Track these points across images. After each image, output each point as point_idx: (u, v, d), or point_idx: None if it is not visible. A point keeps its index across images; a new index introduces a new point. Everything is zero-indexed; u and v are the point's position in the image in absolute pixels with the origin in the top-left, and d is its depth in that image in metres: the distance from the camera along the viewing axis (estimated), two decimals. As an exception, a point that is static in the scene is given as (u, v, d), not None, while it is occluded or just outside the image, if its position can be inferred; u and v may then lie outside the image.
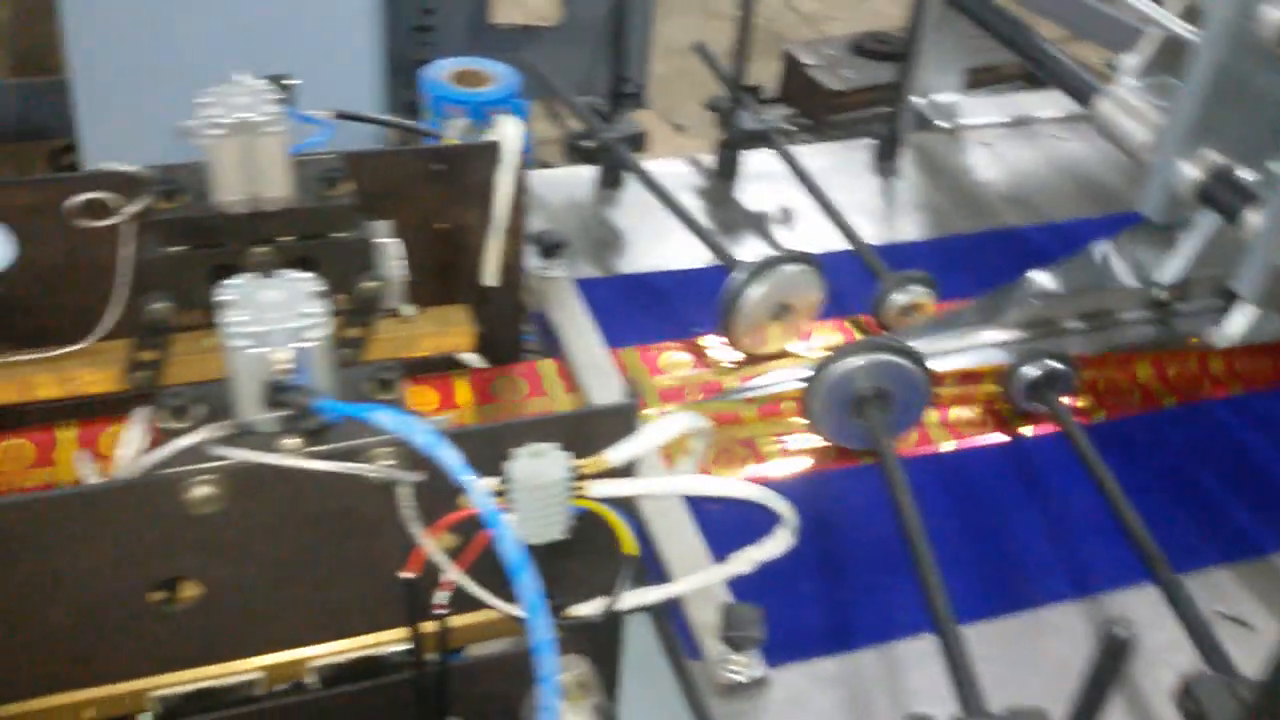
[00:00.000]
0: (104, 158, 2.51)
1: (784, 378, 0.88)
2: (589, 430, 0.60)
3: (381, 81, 2.72)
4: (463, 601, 0.61)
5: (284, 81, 0.76)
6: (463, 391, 0.86)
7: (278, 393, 0.55)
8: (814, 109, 3.15)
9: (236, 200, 0.72)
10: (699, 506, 0.80)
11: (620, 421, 0.61)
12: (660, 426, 0.60)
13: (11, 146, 2.65)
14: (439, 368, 0.87)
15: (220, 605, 0.60)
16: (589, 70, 3.20)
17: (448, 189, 0.83)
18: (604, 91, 3.26)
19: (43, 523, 0.54)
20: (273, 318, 0.55)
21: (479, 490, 0.55)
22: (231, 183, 0.72)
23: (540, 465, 0.58)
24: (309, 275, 0.58)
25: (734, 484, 0.62)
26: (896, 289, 0.95)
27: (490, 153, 0.82)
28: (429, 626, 0.61)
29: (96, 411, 0.80)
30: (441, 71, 2.49)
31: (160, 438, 0.57)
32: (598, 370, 0.87)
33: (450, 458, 0.54)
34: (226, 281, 0.57)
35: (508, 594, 0.58)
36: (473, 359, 0.87)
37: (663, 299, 1.02)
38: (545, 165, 2.94)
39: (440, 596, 0.62)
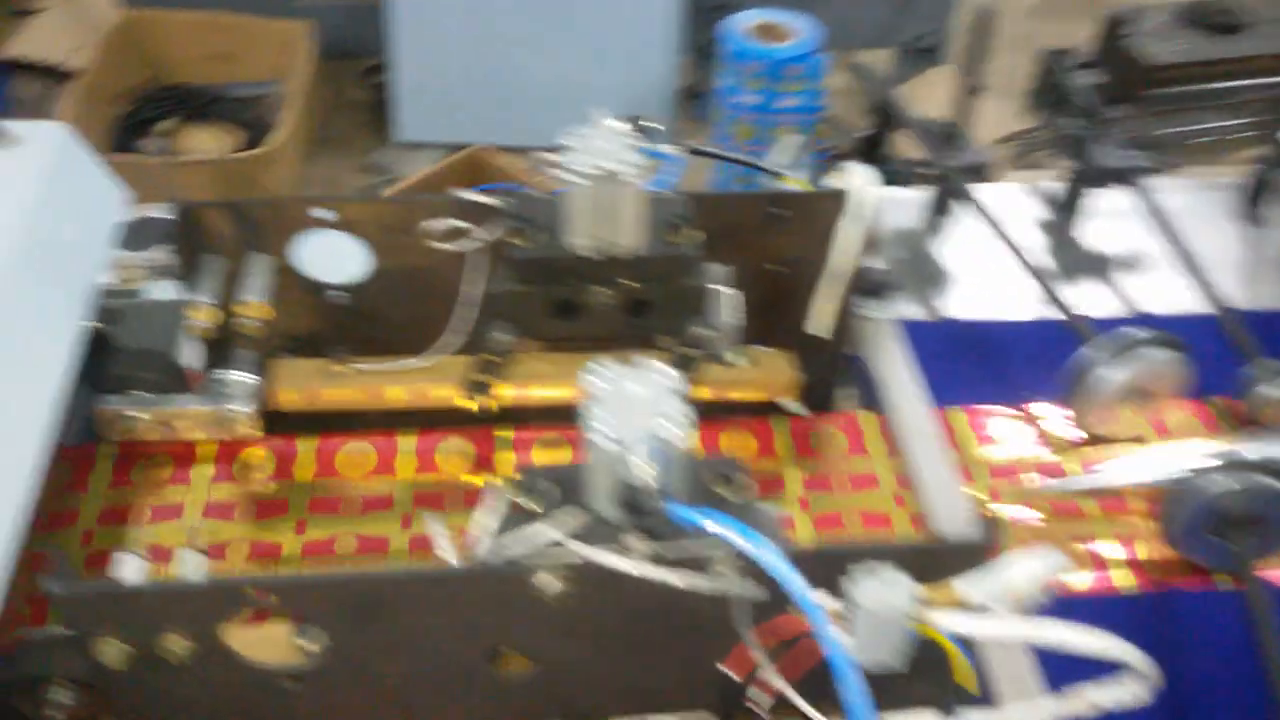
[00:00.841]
0: (413, 80, 2.63)
1: (1135, 470, 0.81)
2: (938, 559, 0.57)
3: (678, 23, 2.70)
4: (781, 706, 0.60)
5: (644, 124, 0.74)
6: (781, 439, 0.84)
7: (632, 494, 0.54)
8: (1129, 81, 2.90)
9: (588, 245, 0.72)
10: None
11: (972, 555, 0.57)
12: (1021, 568, 0.56)
13: (329, 65, 2.80)
14: (754, 408, 0.85)
15: (542, 676, 0.61)
16: (889, 22, 3.07)
17: (786, 233, 0.80)
18: (901, 45, 3.12)
19: (401, 594, 0.56)
20: (634, 416, 0.54)
21: (821, 615, 0.53)
22: (586, 228, 0.71)
23: (884, 591, 0.55)
24: (672, 370, 0.56)
25: (1094, 638, 0.57)
26: (1269, 381, 0.85)
27: (836, 201, 0.77)
28: (741, 720, 0.60)
29: (434, 422, 0.83)
30: (741, 24, 2.45)
31: (514, 511, 0.57)
32: (922, 434, 0.83)
33: (795, 583, 0.53)
34: (589, 370, 0.56)
35: (827, 705, 0.56)
36: (794, 406, 0.84)
37: (994, 353, 0.95)
38: (832, 120, 2.85)
39: (756, 694, 0.61)
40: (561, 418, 0.85)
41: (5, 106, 2.80)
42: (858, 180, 0.78)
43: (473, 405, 0.80)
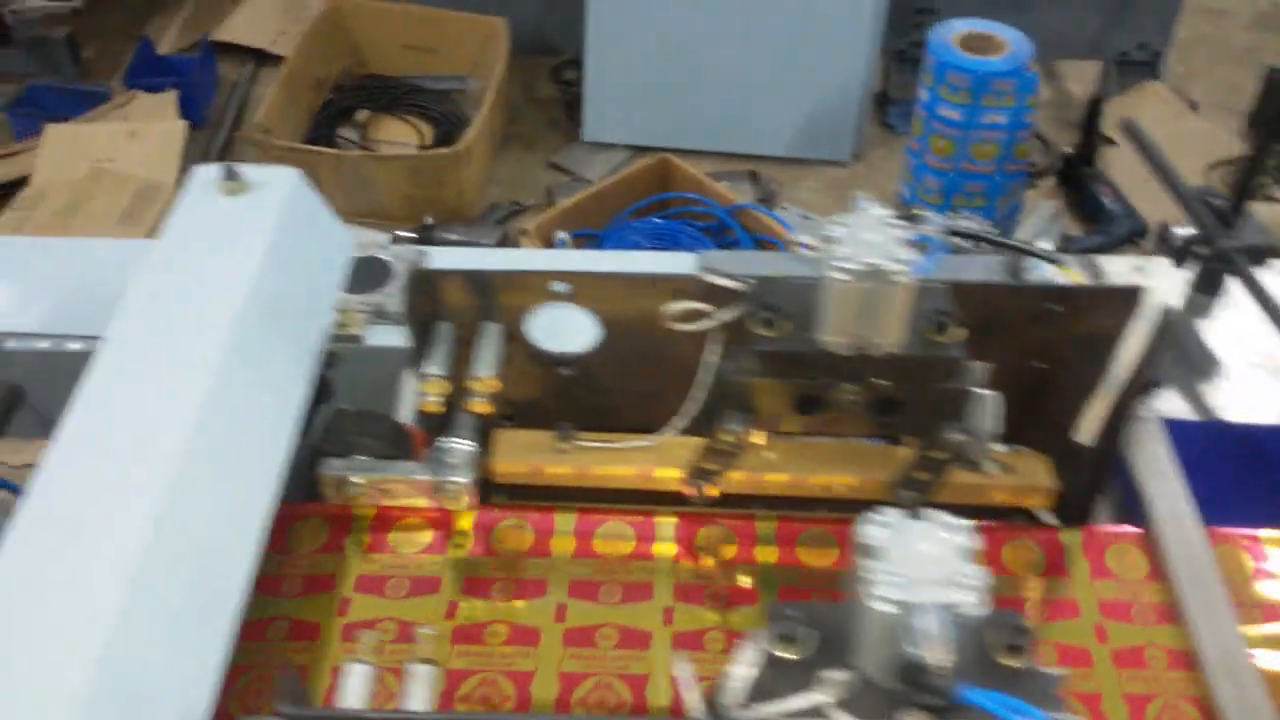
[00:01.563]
0: (602, 80, 2.59)
1: None
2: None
3: (877, 27, 2.60)
4: None
5: (915, 212, 0.68)
6: (1023, 553, 0.76)
7: (915, 668, 0.48)
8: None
9: (842, 341, 0.66)
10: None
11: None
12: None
13: (519, 60, 2.80)
14: (994, 511, 0.78)
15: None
16: (1101, 33, 2.89)
17: (1056, 328, 0.73)
18: (1113, 57, 2.92)
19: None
20: (921, 578, 0.48)
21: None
22: (843, 324, 0.65)
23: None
24: (963, 524, 0.50)
25: None
26: None
27: (1128, 301, 0.69)
28: None
29: (641, 502, 0.79)
30: (949, 34, 2.33)
31: (773, 661, 0.52)
32: (1192, 561, 0.74)
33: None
34: (869, 522, 0.50)
35: None
36: (1047, 517, 0.77)
37: (1275, 464, 0.85)
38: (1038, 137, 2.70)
39: None
40: (784, 506, 0.80)
41: (214, 87, 2.90)
42: (1158, 281, 0.70)
43: (692, 491, 0.76)
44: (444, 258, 0.83)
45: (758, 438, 0.71)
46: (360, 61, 2.84)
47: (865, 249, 0.63)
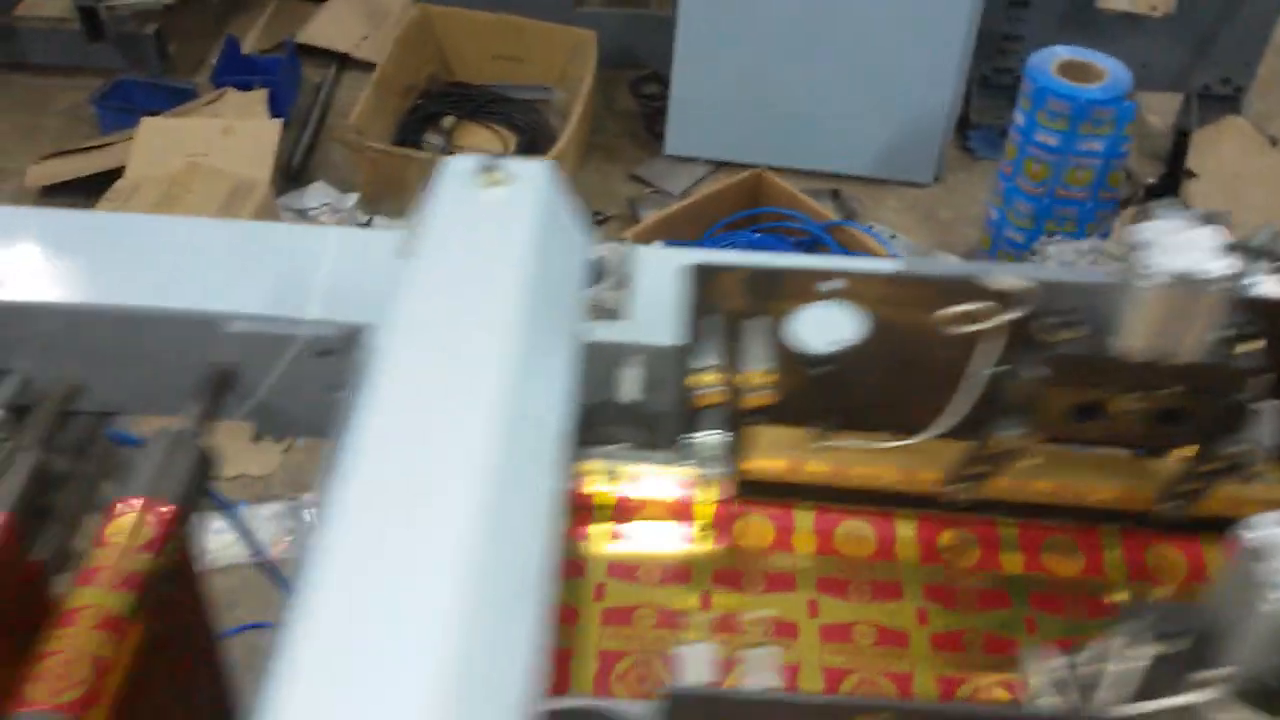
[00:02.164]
0: (688, 94, 2.61)
1: None
2: None
3: (964, 52, 2.61)
4: None
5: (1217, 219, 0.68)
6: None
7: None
8: None
9: (1143, 348, 0.66)
10: None
11: None
12: None
13: (602, 73, 2.82)
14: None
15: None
16: (1184, 65, 2.90)
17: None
18: (1194, 89, 2.93)
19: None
20: (1318, 579, 0.48)
21: None
22: (1146, 332, 0.65)
23: None
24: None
25: None
26: None
27: None
28: None
29: (886, 504, 0.79)
30: (1047, 61, 2.34)
31: (1146, 658, 0.52)
32: None
33: None
34: (1260, 526, 0.50)
35: None
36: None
37: None
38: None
39: None
40: (1025, 513, 0.80)
41: (298, 88, 2.92)
42: None
43: (959, 494, 0.76)
44: (656, 256, 0.83)
45: (1030, 443, 0.71)
46: (447, 69, 2.86)
47: (1176, 255, 0.63)
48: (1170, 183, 2.63)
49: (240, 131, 2.45)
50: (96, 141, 2.64)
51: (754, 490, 0.78)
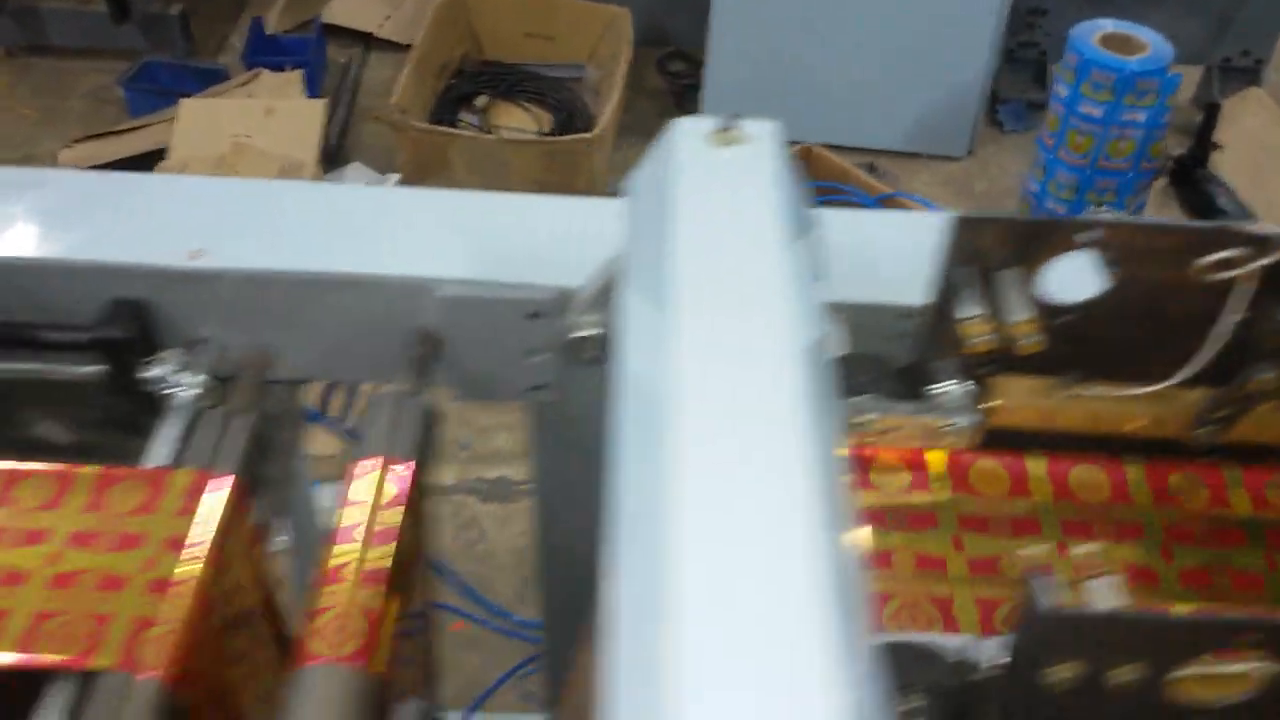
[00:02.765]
0: (723, 71, 2.62)
1: None
2: None
3: (1000, 27, 2.64)
4: None
5: None
6: None
7: None
8: None
9: None
10: None
11: None
12: None
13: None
14: None
15: None
16: (1208, 39, 2.95)
17: None
18: (1215, 62, 2.98)
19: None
20: None
21: None
22: None
23: None
24: None
25: None
26: None
27: None
28: None
29: (1118, 449, 0.81)
30: (1090, 34, 2.38)
31: None
32: None
33: None
34: None
35: None
36: None
37: None
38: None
39: None
40: (1245, 456, 0.83)
41: (324, 68, 2.89)
42: None
43: (1202, 441, 0.78)
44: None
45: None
46: (479, 48, 2.85)
47: None
48: (1199, 154, 2.68)
49: (282, 112, 2.43)
50: (127, 125, 2.61)
51: (999, 440, 0.79)
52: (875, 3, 2.64)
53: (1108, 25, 2.35)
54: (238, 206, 0.93)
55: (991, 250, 0.74)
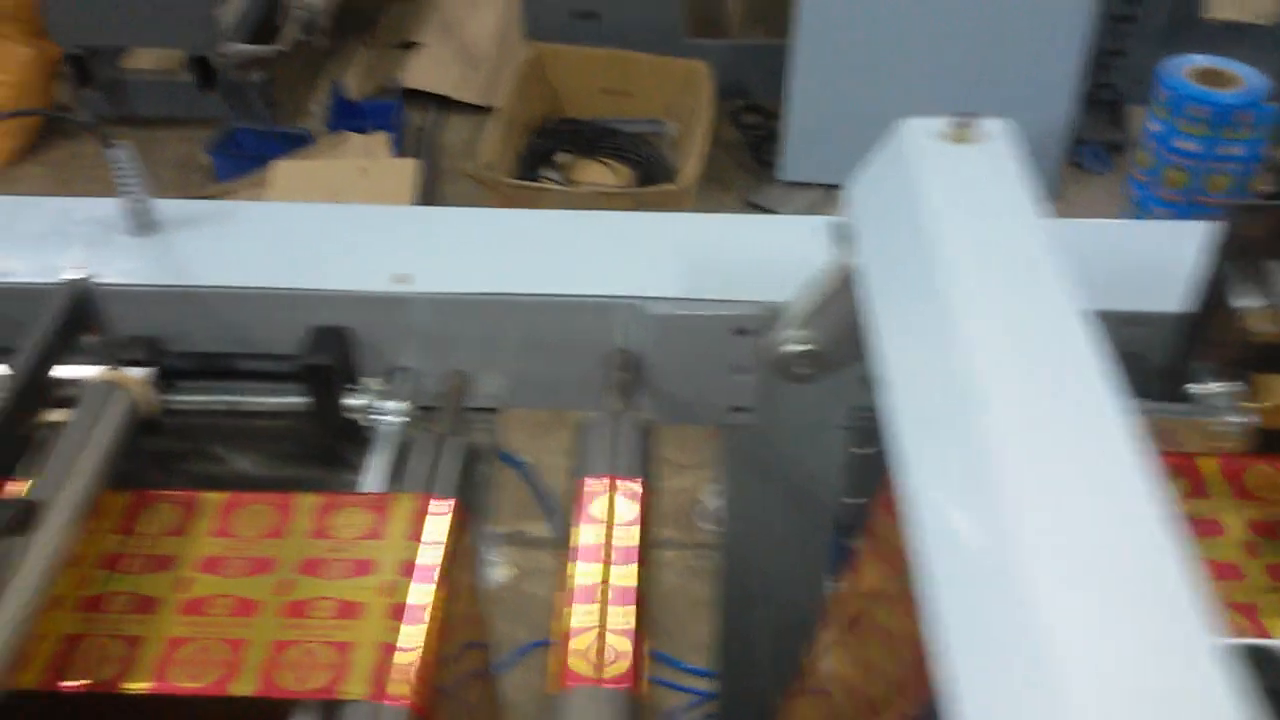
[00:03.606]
0: (803, 121, 2.60)
1: None
2: None
3: (1082, 72, 2.63)
4: None
5: None
6: None
7: None
8: None
9: None
10: None
11: None
12: None
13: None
14: None
15: None
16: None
17: None
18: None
19: None
20: None
21: None
22: None
23: None
24: None
25: None
26: None
27: None
28: None
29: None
30: (1179, 69, 2.37)
31: None
32: None
33: None
34: None
35: None
36: None
37: None
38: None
39: None
40: None
41: (404, 130, 2.92)
42: None
43: None
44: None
45: None
46: (559, 106, 2.87)
47: None
48: (1291, 187, 2.64)
49: (375, 172, 2.45)
50: (216, 189, 2.63)
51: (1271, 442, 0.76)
52: (954, 51, 2.65)
53: (1198, 60, 2.34)
54: (435, 233, 0.92)
55: (1265, 241, 0.71)
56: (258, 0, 2.86)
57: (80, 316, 0.81)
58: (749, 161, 2.94)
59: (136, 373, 0.82)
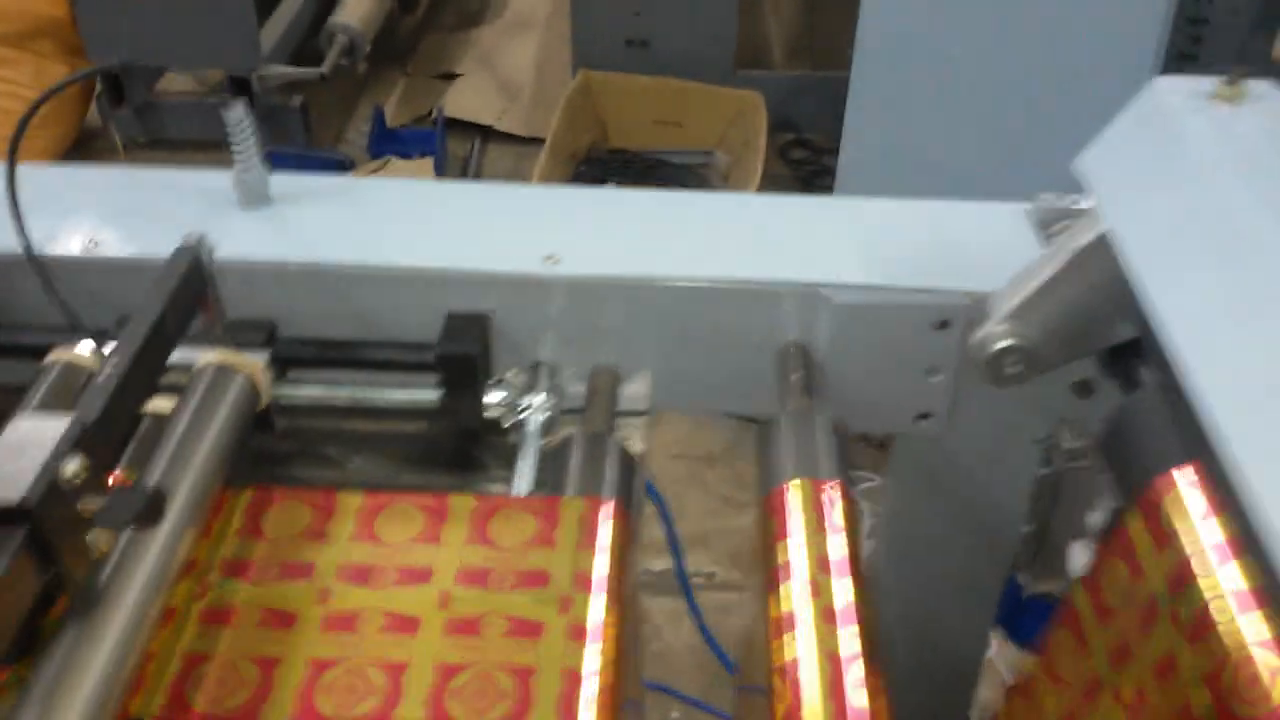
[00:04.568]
0: (859, 157, 2.51)
1: None
2: None
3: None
4: None
5: None
6: None
7: None
8: None
9: None
10: None
11: None
12: None
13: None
14: None
15: None
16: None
17: None
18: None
19: None
20: None
21: None
22: None
23: None
24: None
25: None
26: None
27: None
28: None
29: None
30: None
31: None
32: None
33: None
34: None
35: None
36: None
37: None
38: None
39: None
40: None
41: (446, 159, 2.84)
42: None
43: None
44: None
45: None
46: (606, 136, 2.80)
47: None
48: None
49: (421, 194, 2.36)
50: (253, 212, 2.54)
51: None
52: (1013, 88, 2.57)
53: None
54: (583, 214, 0.82)
55: None
56: (299, 23, 2.80)
57: (195, 293, 0.71)
58: (801, 194, 2.86)
59: (255, 357, 0.71)
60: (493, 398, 0.76)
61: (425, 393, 0.76)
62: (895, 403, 0.79)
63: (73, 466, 0.51)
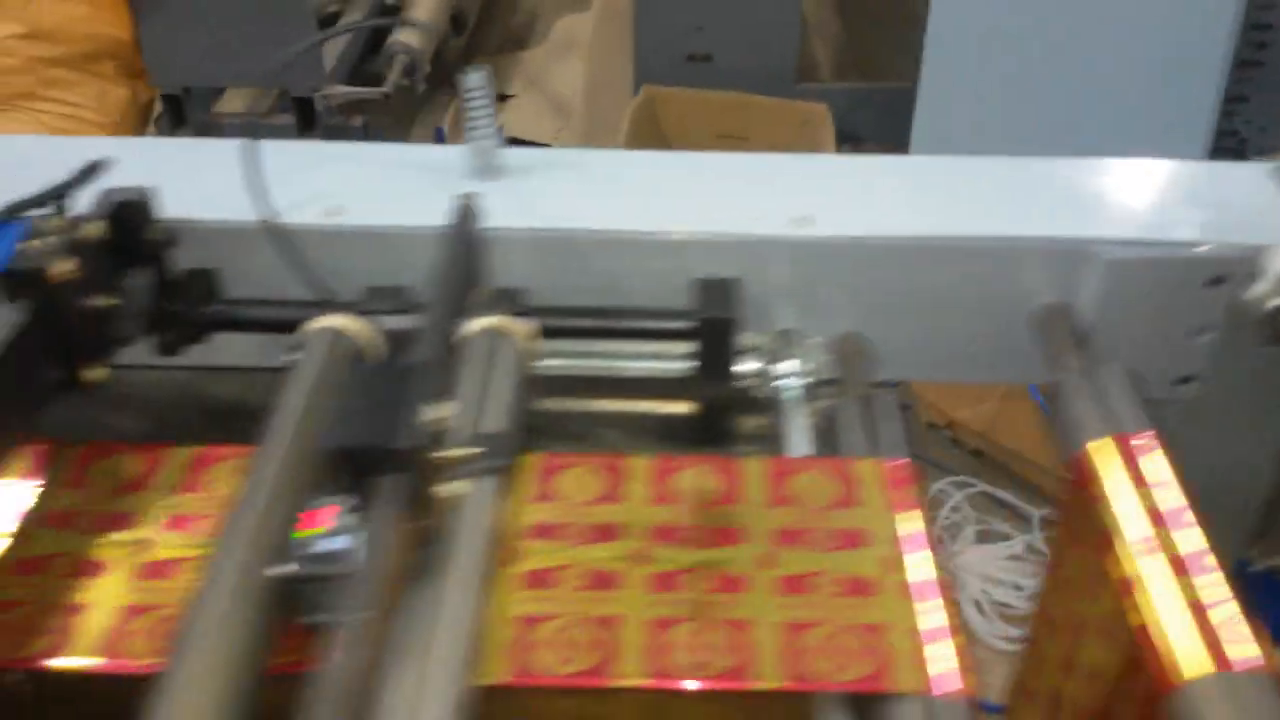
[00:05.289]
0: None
1: None
2: None
3: (1207, 126, 2.55)
4: None
5: None
6: None
7: None
8: None
9: None
10: None
11: None
12: None
13: (823, 150, 2.76)
14: None
15: None
16: None
17: None
18: None
19: None
20: None
21: None
22: None
23: None
24: None
25: None
26: None
27: None
28: None
29: None
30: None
31: None
32: None
33: None
34: None
35: None
36: None
37: None
38: None
39: None
40: None
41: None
42: None
43: None
44: None
45: None
46: (669, 149, 2.79)
47: None
48: None
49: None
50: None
51: None
52: (1080, 105, 2.58)
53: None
54: (831, 178, 0.80)
55: None
56: (359, 42, 2.79)
57: (474, 254, 0.68)
58: (860, 210, 2.85)
59: (523, 323, 0.69)
60: (746, 368, 0.73)
61: (675, 363, 0.74)
62: (1158, 366, 0.77)
63: (435, 414, 0.49)
